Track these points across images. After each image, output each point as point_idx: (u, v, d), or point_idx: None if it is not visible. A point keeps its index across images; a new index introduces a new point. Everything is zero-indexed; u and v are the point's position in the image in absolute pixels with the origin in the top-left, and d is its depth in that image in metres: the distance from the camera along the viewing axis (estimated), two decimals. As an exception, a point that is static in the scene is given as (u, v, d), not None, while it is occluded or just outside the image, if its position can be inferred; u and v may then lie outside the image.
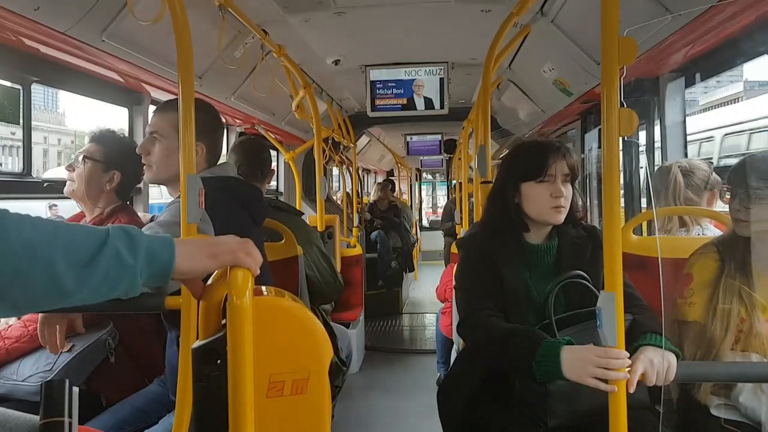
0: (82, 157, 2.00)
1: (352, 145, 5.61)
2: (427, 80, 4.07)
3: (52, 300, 0.81)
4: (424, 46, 3.68)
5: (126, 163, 2.00)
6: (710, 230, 2.19)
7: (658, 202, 2.28)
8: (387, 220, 7.24)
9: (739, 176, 1.69)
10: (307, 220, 3.18)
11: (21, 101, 2.14)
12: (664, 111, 2.74)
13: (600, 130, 1.15)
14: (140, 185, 2.56)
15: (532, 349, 1.37)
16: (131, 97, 2.76)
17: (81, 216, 2.07)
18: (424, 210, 14.84)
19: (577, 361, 1.27)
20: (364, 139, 7.66)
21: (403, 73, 4.08)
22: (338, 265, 3.84)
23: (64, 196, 2.08)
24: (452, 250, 3.87)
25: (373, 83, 4.09)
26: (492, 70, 2.53)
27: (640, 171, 3.04)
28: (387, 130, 7.70)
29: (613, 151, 1.09)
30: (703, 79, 2.56)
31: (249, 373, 0.91)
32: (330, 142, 4.95)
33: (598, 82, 1.08)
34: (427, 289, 7.65)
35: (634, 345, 1.31)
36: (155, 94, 2.81)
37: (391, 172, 12.65)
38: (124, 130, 2.67)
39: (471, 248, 1.77)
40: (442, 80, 4.04)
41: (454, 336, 3.41)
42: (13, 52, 2.00)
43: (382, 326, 6.26)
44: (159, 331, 1.78)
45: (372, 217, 7.12)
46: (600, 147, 3.40)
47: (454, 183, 9.71)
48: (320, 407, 1.00)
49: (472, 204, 3.40)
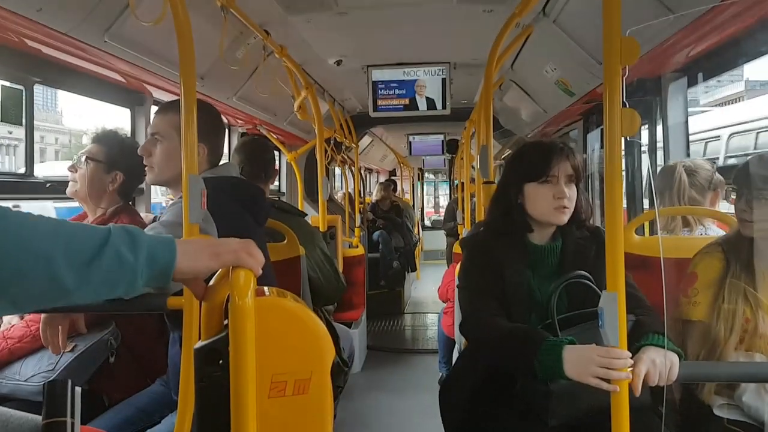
0: (85, 158, 1.99)
1: (354, 146, 5.61)
2: (429, 80, 4.07)
3: (52, 298, 0.81)
4: (426, 46, 3.67)
5: (128, 164, 2.00)
6: (713, 230, 2.19)
7: (662, 202, 2.27)
8: (389, 220, 7.23)
9: (746, 176, 1.69)
10: (310, 221, 3.18)
11: (23, 102, 2.15)
12: (667, 111, 2.74)
13: (602, 130, 1.15)
14: (143, 185, 2.56)
15: (534, 348, 1.37)
16: (133, 97, 2.76)
17: (83, 216, 2.07)
18: (425, 210, 14.81)
19: (579, 361, 1.27)
20: (366, 139, 7.66)
21: (405, 74, 4.07)
22: (340, 265, 3.84)
23: (67, 197, 2.08)
24: (455, 250, 3.87)
25: (375, 83, 4.09)
26: (494, 71, 2.53)
27: (643, 171, 3.03)
28: (389, 130, 7.70)
29: (616, 151, 1.09)
30: (705, 79, 2.56)
31: (251, 374, 0.91)
32: (332, 142, 4.95)
33: (600, 83, 1.07)
34: (429, 289, 7.65)
35: (636, 345, 1.31)
36: (157, 94, 2.82)
37: (393, 172, 12.64)
38: (121, 129, 2.67)
39: (474, 248, 1.78)
40: (444, 80, 4.03)
41: (456, 336, 3.41)
42: (16, 52, 2.00)
43: (384, 326, 6.26)
44: (161, 331, 1.79)
45: (374, 217, 7.12)
46: (602, 147, 3.41)
47: (456, 183, 9.70)
48: (322, 407, 1.00)
49: (475, 204, 3.39)
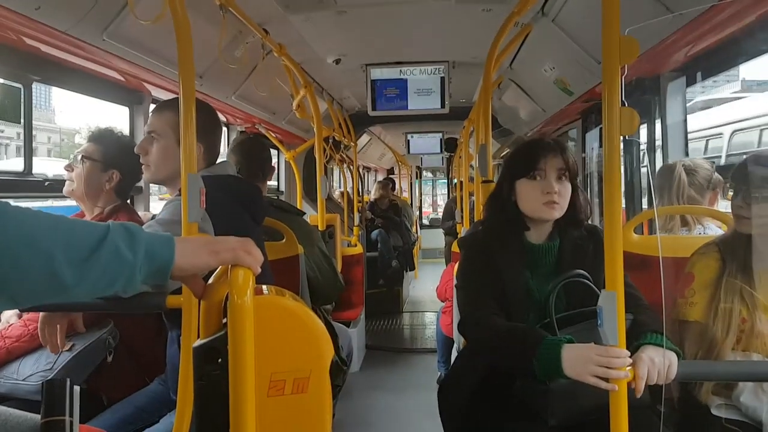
0: (81, 157, 1.99)
1: (353, 144, 5.61)
2: (427, 79, 4.06)
3: (51, 294, 0.81)
4: (424, 45, 3.67)
5: (125, 162, 1.99)
6: (712, 229, 2.19)
7: (661, 201, 2.27)
8: (388, 219, 7.24)
9: (743, 173, 1.69)
10: (308, 220, 3.18)
11: (22, 100, 2.14)
12: (665, 110, 2.74)
13: (601, 130, 1.15)
14: (141, 184, 2.56)
15: (533, 347, 1.37)
16: (132, 96, 2.75)
17: (81, 216, 2.07)
18: (423, 209, 14.80)
19: (577, 360, 1.27)
20: (364, 138, 7.65)
21: (404, 72, 4.07)
22: (339, 264, 3.84)
23: (64, 196, 2.08)
24: (453, 249, 3.87)
25: (373, 82, 4.08)
26: (493, 70, 2.53)
27: (641, 170, 3.04)
28: (388, 129, 7.69)
29: (614, 150, 1.09)
30: (704, 78, 2.56)
31: (250, 372, 0.91)
32: (331, 141, 4.95)
33: (599, 82, 1.08)
34: (427, 288, 7.66)
35: (634, 344, 1.31)
36: (156, 93, 2.81)
37: (391, 170, 12.63)
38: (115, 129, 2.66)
39: (472, 247, 1.78)
40: (442, 79, 4.03)
41: (455, 335, 3.41)
42: (14, 51, 1.99)
43: (383, 325, 6.26)
44: (159, 330, 1.78)
45: (373, 216, 7.12)
46: (601, 146, 3.41)
47: (455, 182, 9.70)
48: (321, 406, 1.00)
49: (473, 203, 3.39)
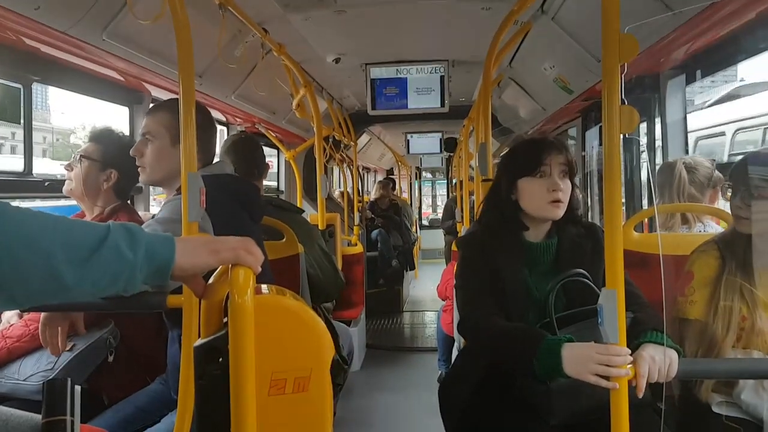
0: (79, 157, 1.99)
1: (353, 144, 5.61)
2: (427, 78, 4.07)
3: (51, 294, 0.81)
4: (424, 44, 3.67)
5: (123, 162, 1.96)
6: (712, 227, 2.19)
7: (662, 199, 2.27)
8: (388, 219, 7.24)
9: (741, 173, 1.69)
10: (308, 219, 3.18)
11: (22, 101, 2.14)
12: (665, 108, 2.74)
13: (601, 128, 1.14)
14: (141, 184, 2.55)
15: (533, 347, 1.37)
16: (132, 96, 2.75)
17: (82, 216, 2.07)
18: (423, 210, 14.79)
19: (578, 359, 1.27)
20: (364, 138, 7.66)
21: (404, 71, 4.07)
22: (339, 264, 3.84)
23: (65, 195, 2.08)
24: (453, 248, 3.87)
25: (373, 81, 4.09)
26: (492, 68, 2.53)
27: (641, 168, 3.04)
28: (387, 128, 7.70)
29: (614, 148, 1.09)
30: (704, 76, 2.56)
31: (250, 371, 0.91)
32: (330, 140, 4.95)
33: (599, 80, 1.08)
34: (427, 288, 7.68)
35: (635, 342, 1.31)
36: (156, 93, 2.81)
37: (390, 171, 12.64)
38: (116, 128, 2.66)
39: (470, 247, 1.77)
40: (442, 78, 4.03)
41: (455, 334, 3.41)
42: (14, 51, 2.00)
43: (383, 324, 6.26)
44: (160, 330, 1.78)
45: (373, 216, 7.12)
46: (601, 144, 3.41)
47: (454, 182, 9.70)
48: (322, 405, 1.00)
49: (473, 202, 3.39)
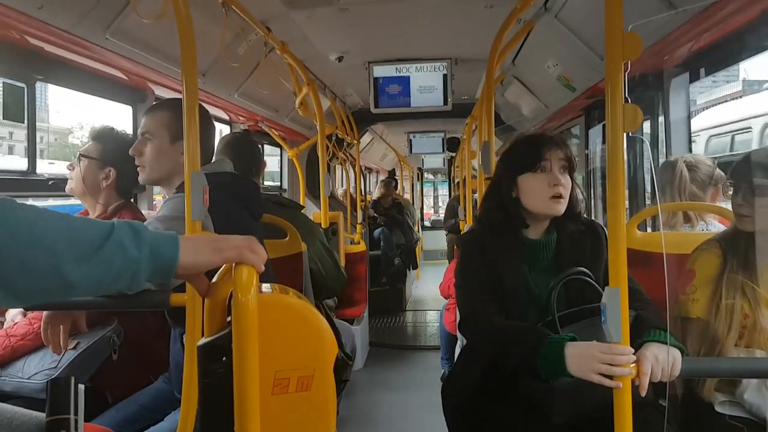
0: (79, 155, 2.00)
1: (356, 142, 5.61)
2: (430, 76, 4.07)
3: (55, 291, 0.81)
4: (427, 42, 3.67)
5: (121, 160, 1.96)
6: (714, 226, 2.19)
7: (663, 197, 2.27)
8: (390, 217, 7.24)
9: (743, 171, 1.68)
10: (312, 217, 3.18)
11: (25, 99, 2.15)
12: (669, 106, 2.73)
13: (604, 126, 1.14)
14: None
15: (535, 346, 1.37)
16: (135, 94, 2.76)
17: (85, 214, 2.08)
18: (425, 211, 14.78)
19: (581, 358, 1.27)
20: (366, 137, 7.66)
21: (407, 70, 4.07)
22: (342, 262, 3.84)
23: (68, 194, 2.09)
24: (456, 247, 3.87)
25: (376, 80, 4.09)
26: (496, 66, 2.53)
27: (645, 166, 3.03)
28: (390, 128, 7.70)
29: (618, 146, 1.09)
30: (707, 74, 2.55)
31: (254, 370, 0.91)
32: (333, 139, 4.95)
33: (602, 78, 1.07)
34: (429, 288, 7.71)
35: (638, 341, 1.31)
36: (159, 91, 2.81)
37: (392, 172, 12.63)
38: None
39: (470, 245, 1.75)
40: (445, 76, 4.03)
41: (458, 332, 3.41)
42: (18, 50, 2.00)
43: (386, 323, 6.27)
44: (163, 329, 1.79)
45: (375, 214, 7.13)
46: (604, 143, 3.41)
47: (456, 181, 9.70)
48: (325, 404, 1.00)
49: (476, 200, 3.39)
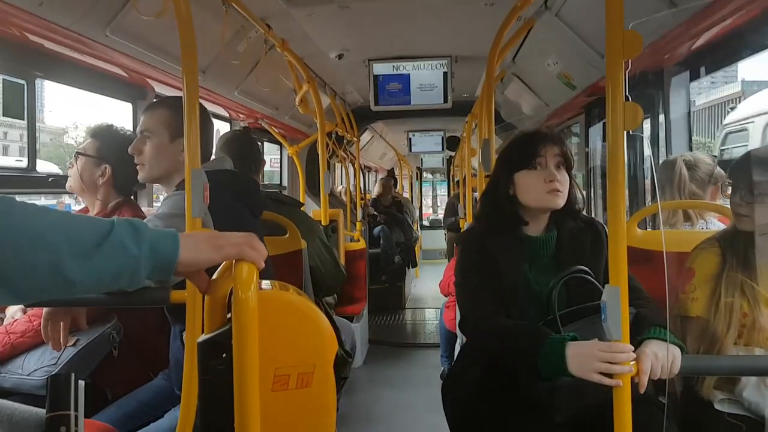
0: (75, 153, 2.01)
1: (356, 140, 5.61)
2: (430, 74, 4.07)
3: (56, 289, 0.81)
4: (427, 40, 3.67)
5: (117, 157, 1.97)
6: (714, 224, 2.19)
7: (663, 196, 2.27)
8: (390, 216, 7.24)
9: (741, 171, 1.69)
10: (311, 214, 3.18)
11: (25, 96, 2.15)
12: (669, 104, 2.73)
13: (604, 124, 1.14)
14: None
15: (536, 347, 1.36)
16: (135, 91, 2.75)
17: (86, 212, 2.08)
18: (423, 210, 14.78)
19: (581, 358, 1.26)
20: (366, 136, 7.66)
21: (407, 67, 4.07)
22: (342, 260, 3.84)
23: (68, 192, 2.09)
24: (456, 245, 3.87)
25: (376, 77, 4.09)
26: (496, 64, 2.53)
27: (645, 165, 3.03)
28: (389, 126, 7.70)
29: (618, 144, 1.09)
30: (708, 73, 2.55)
31: (254, 367, 0.91)
32: (333, 136, 4.95)
33: (603, 76, 1.07)
34: (428, 286, 7.75)
35: (638, 339, 1.31)
36: (159, 88, 2.81)
37: (391, 171, 12.63)
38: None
39: (469, 243, 1.75)
40: (445, 74, 4.03)
41: (458, 330, 3.41)
42: (18, 47, 2.00)
43: (386, 320, 6.27)
44: (163, 325, 1.79)
45: (375, 213, 7.13)
46: (604, 141, 3.40)
47: (456, 180, 9.69)
48: (325, 401, 1.00)
49: (476, 198, 3.38)
